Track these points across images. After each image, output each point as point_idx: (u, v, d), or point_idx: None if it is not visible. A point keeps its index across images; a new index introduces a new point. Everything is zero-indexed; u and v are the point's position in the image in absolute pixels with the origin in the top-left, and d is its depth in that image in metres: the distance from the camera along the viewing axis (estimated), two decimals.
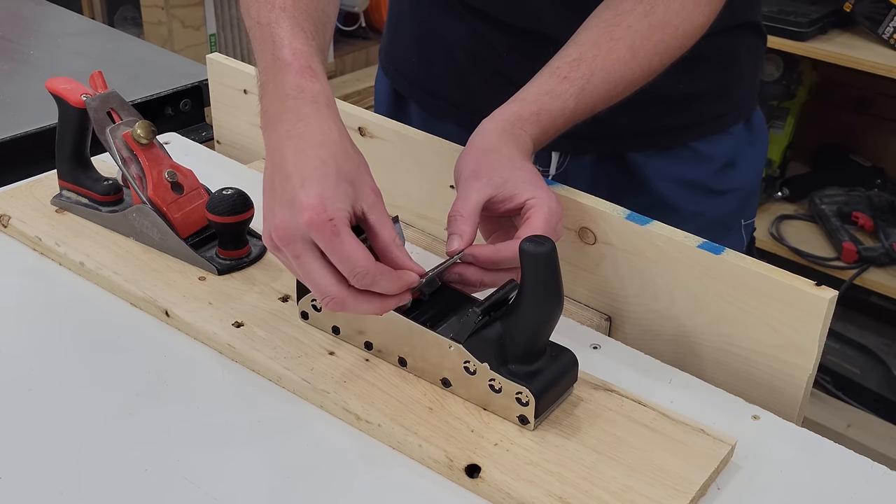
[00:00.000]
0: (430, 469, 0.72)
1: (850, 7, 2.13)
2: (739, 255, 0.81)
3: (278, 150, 0.74)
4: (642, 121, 1.03)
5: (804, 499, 0.71)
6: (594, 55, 0.86)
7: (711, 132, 1.07)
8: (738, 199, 1.12)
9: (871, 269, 2.20)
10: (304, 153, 0.72)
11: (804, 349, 0.79)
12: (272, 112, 0.76)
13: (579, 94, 0.84)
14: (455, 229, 0.77)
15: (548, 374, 0.74)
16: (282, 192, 0.72)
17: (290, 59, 0.77)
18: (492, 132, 0.82)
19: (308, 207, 0.69)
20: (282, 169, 0.72)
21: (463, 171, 0.80)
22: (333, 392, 0.76)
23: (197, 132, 1.36)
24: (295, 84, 0.76)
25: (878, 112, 2.42)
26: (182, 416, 0.77)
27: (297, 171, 0.71)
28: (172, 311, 0.85)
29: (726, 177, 1.10)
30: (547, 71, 0.86)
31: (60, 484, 0.70)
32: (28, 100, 1.32)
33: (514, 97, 0.85)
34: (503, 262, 0.77)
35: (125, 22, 2.80)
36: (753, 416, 0.78)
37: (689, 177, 1.08)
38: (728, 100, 1.09)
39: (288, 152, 0.73)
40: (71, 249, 0.93)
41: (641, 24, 0.87)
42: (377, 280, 0.71)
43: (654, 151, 1.07)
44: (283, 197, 0.71)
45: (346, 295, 0.71)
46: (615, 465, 0.70)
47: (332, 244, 0.70)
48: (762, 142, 1.15)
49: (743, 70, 1.09)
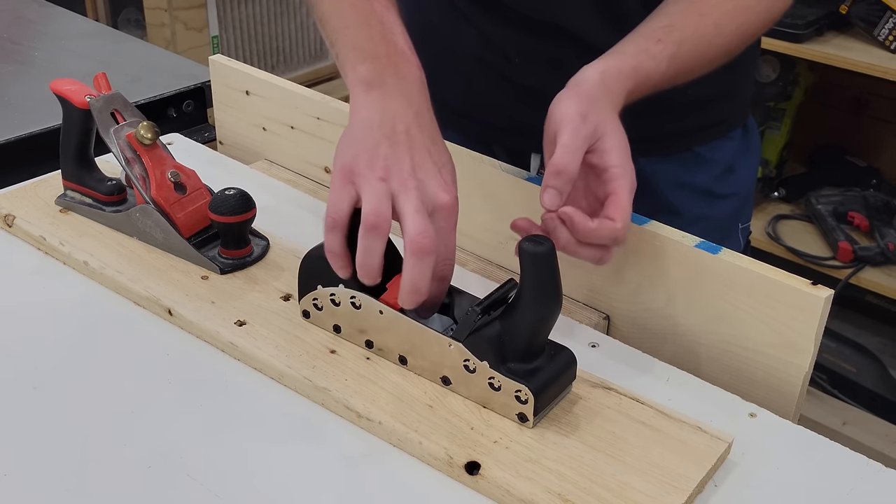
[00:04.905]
0: (430, 466, 0.73)
1: (846, 9, 2.14)
2: (737, 255, 0.81)
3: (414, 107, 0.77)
4: (651, 127, 1.03)
5: (800, 496, 0.71)
6: (684, 25, 0.85)
7: (715, 137, 1.08)
8: (736, 203, 1.13)
9: (867, 268, 2.21)
10: (437, 138, 0.78)
11: (800, 348, 0.79)
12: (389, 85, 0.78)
13: (671, 59, 0.83)
14: (556, 183, 0.76)
15: (547, 373, 0.74)
16: (420, 144, 0.75)
17: (409, 53, 0.80)
18: (595, 81, 0.80)
19: (449, 192, 0.74)
20: (419, 125, 0.76)
21: (566, 113, 0.77)
22: (334, 390, 0.77)
23: (199, 133, 1.36)
24: (419, 78, 0.79)
25: (873, 113, 2.43)
26: (185, 413, 0.77)
27: (439, 139, 0.77)
28: (175, 310, 0.86)
29: (727, 181, 1.11)
30: (640, 32, 0.85)
31: (65, 481, 0.71)
32: (32, 101, 1.32)
33: (611, 51, 0.83)
34: (598, 239, 0.77)
35: (128, 24, 2.80)
36: (750, 414, 0.79)
37: (693, 181, 1.08)
38: (731, 104, 1.09)
39: (426, 122, 0.77)
40: (75, 249, 0.94)
41: (727, 5, 0.88)
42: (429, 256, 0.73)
43: (662, 157, 1.07)
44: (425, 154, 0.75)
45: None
46: (613, 463, 0.71)
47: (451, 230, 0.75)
48: (756, 146, 1.16)
49: (743, 75, 1.10)
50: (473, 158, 0.96)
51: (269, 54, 2.73)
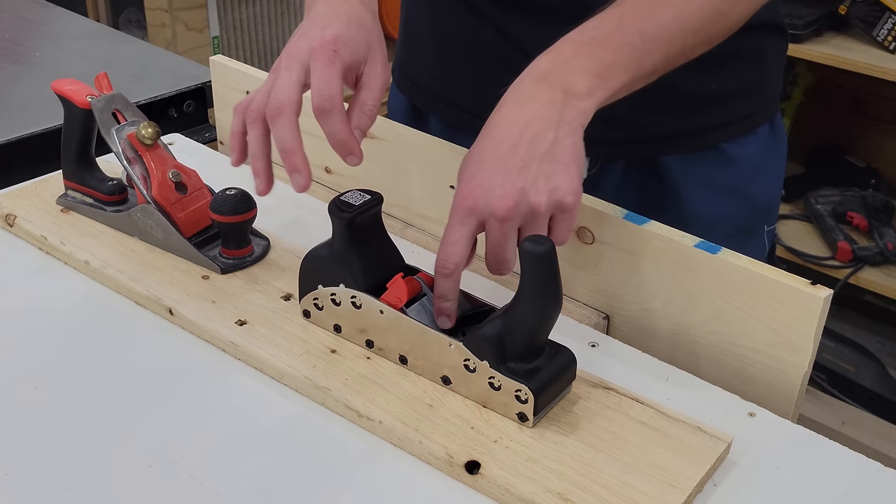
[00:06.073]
0: (431, 465, 0.73)
1: (845, 10, 2.14)
2: (735, 255, 0.82)
3: (312, 11, 0.83)
4: (675, 122, 1.02)
5: (799, 495, 0.72)
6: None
7: (740, 133, 1.06)
8: (762, 204, 1.11)
9: (866, 268, 2.22)
10: (335, 12, 0.81)
11: (800, 347, 0.80)
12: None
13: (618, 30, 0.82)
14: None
15: (547, 372, 0.74)
16: (303, 31, 0.80)
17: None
18: None
19: (320, 38, 0.78)
20: (311, 19, 0.81)
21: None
22: (335, 389, 0.77)
23: (200, 133, 1.36)
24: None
25: (872, 113, 2.44)
26: (186, 413, 0.78)
27: (325, 19, 0.80)
28: (176, 310, 0.86)
29: (753, 179, 1.09)
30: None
31: (66, 480, 0.71)
32: (34, 101, 1.33)
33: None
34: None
35: (129, 24, 2.80)
36: (749, 414, 0.79)
37: (718, 179, 1.06)
38: (756, 99, 1.07)
39: (321, 8, 0.82)
40: (76, 248, 0.94)
41: None
42: (333, 114, 0.77)
43: (686, 154, 1.05)
44: (303, 33, 0.80)
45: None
46: (613, 462, 0.71)
47: (324, 67, 0.76)
48: (783, 145, 1.13)
49: (770, 69, 1.08)
50: None
51: (270, 55, 2.74)
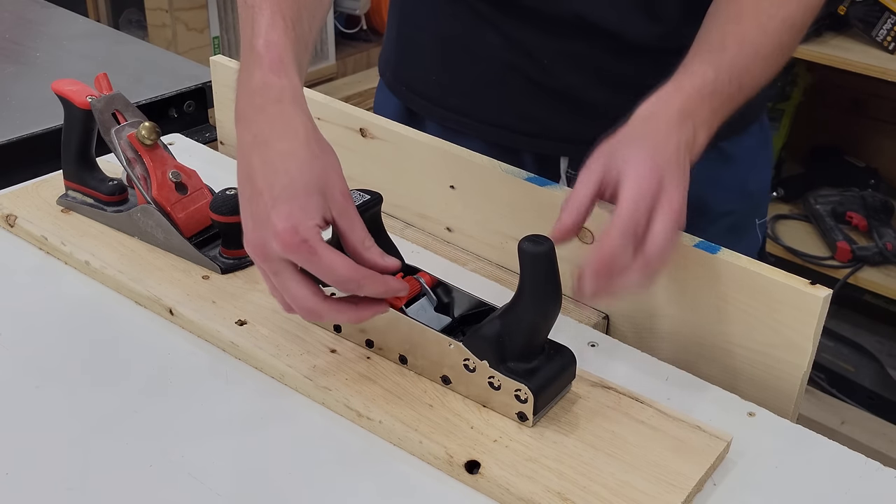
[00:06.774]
0: (431, 465, 0.73)
1: (845, 10, 2.14)
2: (735, 255, 0.82)
3: (247, 158, 0.73)
4: None
5: (799, 495, 0.72)
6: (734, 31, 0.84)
7: (735, 132, 1.07)
8: (756, 198, 1.13)
9: (865, 268, 2.22)
10: (271, 165, 0.71)
11: (799, 347, 0.80)
12: (241, 109, 0.75)
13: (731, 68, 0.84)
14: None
15: (546, 372, 0.74)
16: (254, 208, 0.71)
17: (263, 52, 0.75)
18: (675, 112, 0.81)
19: (281, 231, 0.69)
20: (251, 181, 0.72)
21: (640, 172, 0.77)
22: (335, 389, 0.77)
23: (200, 133, 1.36)
24: (262, 80, 0.74)
25: (871, 113, 2.44)
26: (186, 412, 0.78)
27: (266, 187, 0.71)
28: (177, 310, 0.86)
29: (748, 176, 1.10)
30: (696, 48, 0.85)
31: (67, 479, 0.71)
32: (34, 101, 1.33)
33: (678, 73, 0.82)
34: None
35: (130, 25, 2.80)
36: (749, 413, 0.79)
37: (719, 177, 1.07)
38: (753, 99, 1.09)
39: (256, 162, 0.72)
40: (76, 249, 0.94)
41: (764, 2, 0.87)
42: (363, 284, 0.71)
43: None
44: (256, 213, 0.71)
45: (323, 307, 0.72)
46: (613, 462, 0.71)
47: (310, 262, 0.70)
48: (770, 141, 1.16)
49: None
50: (473, 158, 0.96)
51: None
